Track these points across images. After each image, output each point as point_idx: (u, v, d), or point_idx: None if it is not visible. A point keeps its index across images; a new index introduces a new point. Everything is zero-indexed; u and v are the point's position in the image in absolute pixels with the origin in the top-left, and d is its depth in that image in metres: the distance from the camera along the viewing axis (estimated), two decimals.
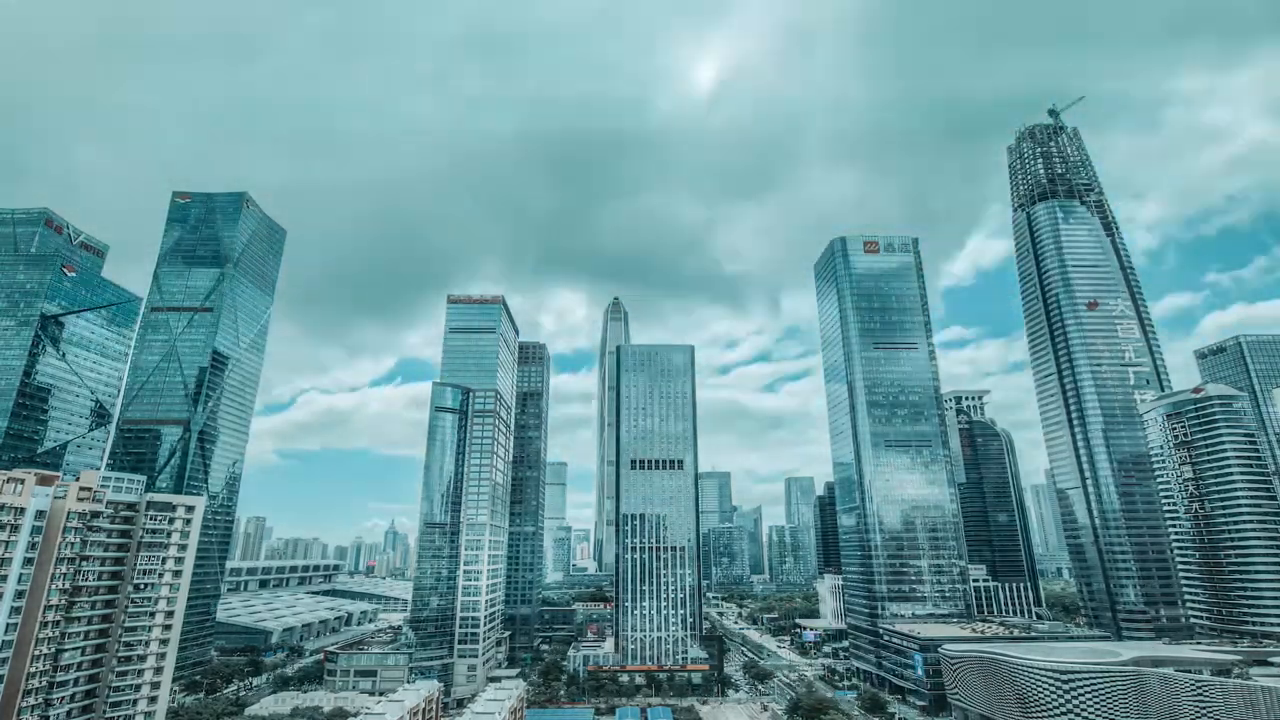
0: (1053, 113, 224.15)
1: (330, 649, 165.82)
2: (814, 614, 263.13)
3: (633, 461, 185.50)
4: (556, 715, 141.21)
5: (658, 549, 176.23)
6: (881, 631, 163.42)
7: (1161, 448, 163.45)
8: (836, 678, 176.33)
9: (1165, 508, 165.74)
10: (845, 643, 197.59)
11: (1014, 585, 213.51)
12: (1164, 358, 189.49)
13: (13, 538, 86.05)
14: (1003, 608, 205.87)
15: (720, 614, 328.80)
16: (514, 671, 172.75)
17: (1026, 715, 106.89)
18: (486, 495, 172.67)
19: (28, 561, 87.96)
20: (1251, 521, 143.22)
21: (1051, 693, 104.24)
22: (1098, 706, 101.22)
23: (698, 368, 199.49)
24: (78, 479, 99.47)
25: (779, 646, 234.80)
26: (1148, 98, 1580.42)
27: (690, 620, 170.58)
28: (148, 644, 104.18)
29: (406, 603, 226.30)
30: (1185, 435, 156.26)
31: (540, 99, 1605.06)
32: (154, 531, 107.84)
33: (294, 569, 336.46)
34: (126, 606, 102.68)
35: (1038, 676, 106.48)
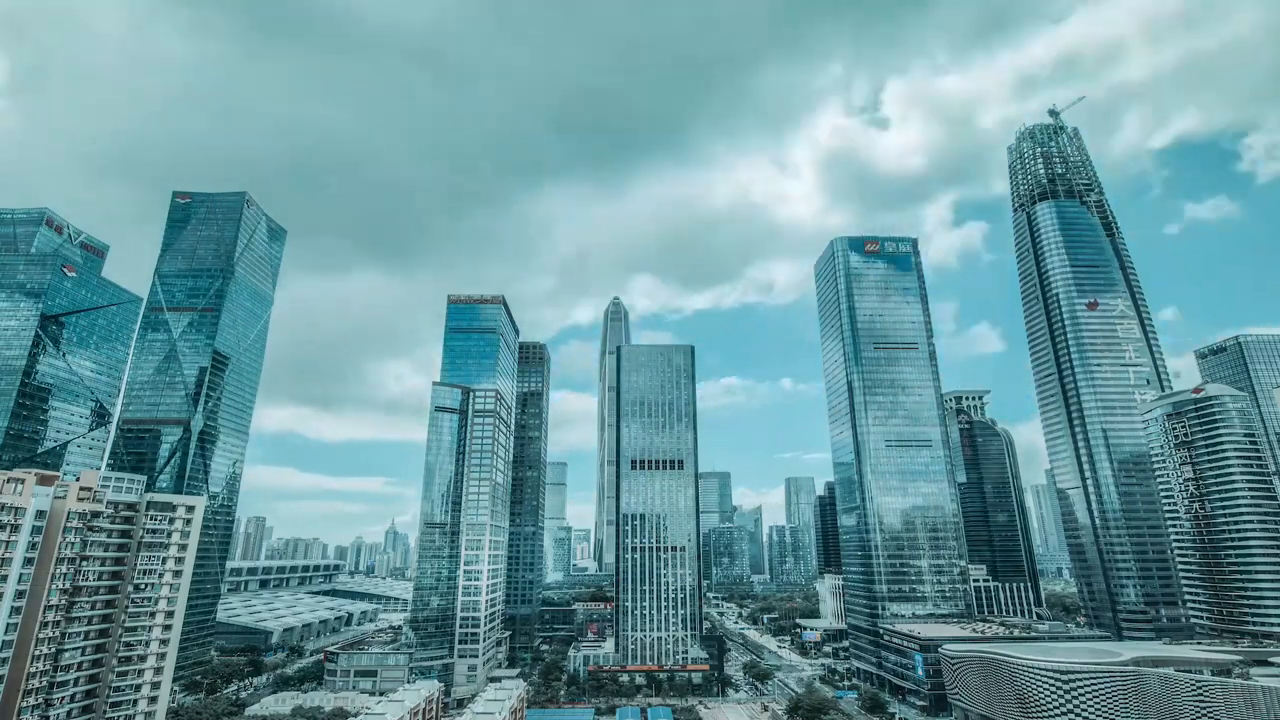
0: (1053, 113, 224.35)
1: (330, 649, 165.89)
2: (814, 614, 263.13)
3: (633, 461, 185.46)
4: (557, 715, 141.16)
5: (658, 549, 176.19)
6: (882, 631, 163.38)
7: (1162, 448, 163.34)
8: (837, 678, 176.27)
9: (1165, 508, 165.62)
10: (845, 643, 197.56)
11: (1014, 585, 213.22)
12: (1164, 357, 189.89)
13: (13, 538, 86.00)
14: (1003, 608, 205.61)
15: (720, 614, 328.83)
16: (514, 671, 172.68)
17: (1026, 715, 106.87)
18: (486, 495, 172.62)
19: (28, 562, 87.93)
20: (1252, 521, 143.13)
21: (1051, 693, 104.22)
22: (1098, 706, 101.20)
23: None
24: (78, 479, 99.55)
25: (779, 646, 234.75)
26: None
27: (690, 620, 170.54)
28: (148, 644, 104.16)
29: (406, 603, 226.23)
30: (1185, 435, 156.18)
31: None
32: (154, 531, 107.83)
33: (294, 569, 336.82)
34: (126, 606, 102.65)
35: (1038, 676, 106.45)
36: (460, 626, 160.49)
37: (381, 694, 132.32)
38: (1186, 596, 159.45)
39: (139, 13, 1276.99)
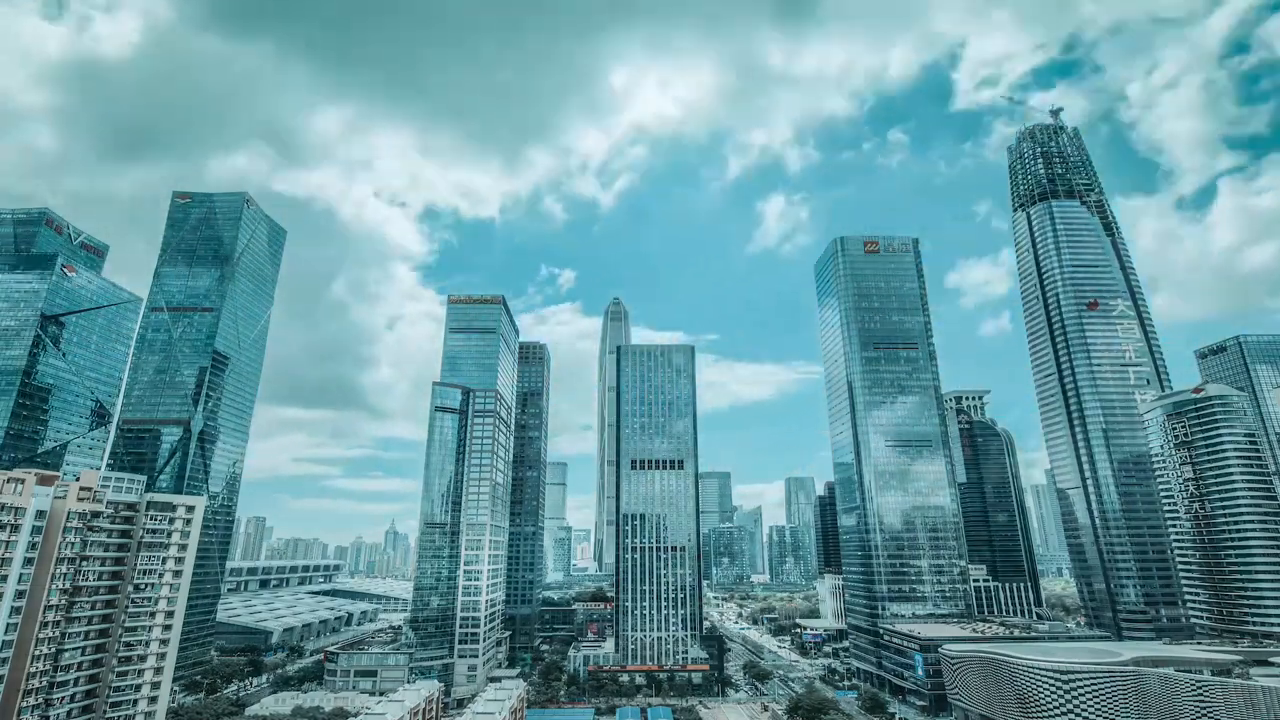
0: (1054, 113, 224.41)
1: (330, 649, 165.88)
2: (814, 614, 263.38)
3: (633, 461, 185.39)
4: (557, 715, 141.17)
5: (658, 549, 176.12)
6: (882, 631, 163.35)
7: (1162, 448, 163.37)
8: (837, 678, 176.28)
9: (1165, 508, 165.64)
10: (846, 643, 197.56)
11: (1014, 585, 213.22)
12: (1164, 357, 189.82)
13: (13, 538, 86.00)
14: (1003, 608, 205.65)
15: (720, 614, 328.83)
16: (514, 671, 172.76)
17: (1027, 715, 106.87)
18: (486, 495, 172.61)
19: (28, 562, 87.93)
20: (1252, 521, 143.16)
21: (1052, 693, 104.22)
22: (1098, 706, 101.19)
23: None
24: (78, 479, 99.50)
25: (779, 647, 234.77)
26: None
27: (690, 620, 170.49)
28: (148, 644, 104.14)
29: (406, 603, 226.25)
30: (1185, 435, 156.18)
31: None
32: (154, 531, 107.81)
33: (294, 569, 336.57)
34: (126, 606, 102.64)
35: (1038, 676, 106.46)
36: (460, 626, 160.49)
37: (381, 694, 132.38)
38: (1186, 596, 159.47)
39: None
